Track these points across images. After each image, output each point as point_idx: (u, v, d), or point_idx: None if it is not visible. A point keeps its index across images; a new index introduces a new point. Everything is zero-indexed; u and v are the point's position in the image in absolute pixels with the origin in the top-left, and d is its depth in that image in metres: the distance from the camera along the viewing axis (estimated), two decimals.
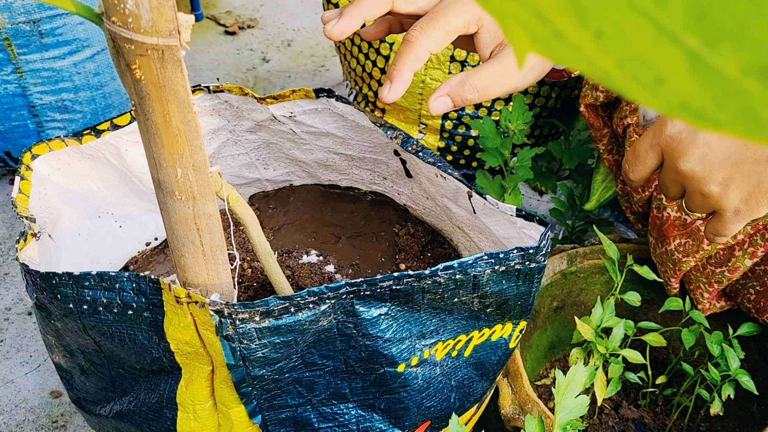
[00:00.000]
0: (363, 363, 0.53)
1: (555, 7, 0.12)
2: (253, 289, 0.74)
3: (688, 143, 0.54)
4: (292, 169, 0.82)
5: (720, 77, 0.11)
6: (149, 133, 0.40)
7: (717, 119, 0.11)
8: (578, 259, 0.82)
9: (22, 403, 0.89)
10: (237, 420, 0.53)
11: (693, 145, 0.54)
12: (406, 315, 0.52)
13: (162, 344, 0.50)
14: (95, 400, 0.59)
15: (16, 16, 0.95)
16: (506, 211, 0.59)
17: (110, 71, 1.09)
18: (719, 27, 0.10)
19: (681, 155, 0.55)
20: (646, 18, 0.11)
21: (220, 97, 0.71)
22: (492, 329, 0.58)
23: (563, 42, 0.13)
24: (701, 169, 0.54)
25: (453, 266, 0.50)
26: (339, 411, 0.56)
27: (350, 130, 0.73)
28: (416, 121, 1.10)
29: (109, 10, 0.34)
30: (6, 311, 1.01)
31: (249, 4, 1.85)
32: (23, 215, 0.56)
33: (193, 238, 0.46)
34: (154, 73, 0.37)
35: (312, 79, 1.57)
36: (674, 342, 0.84)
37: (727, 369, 0.67)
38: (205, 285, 0.48)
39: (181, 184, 0.42)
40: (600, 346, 0.67)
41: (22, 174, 0.60)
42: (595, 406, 0.79)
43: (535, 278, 0.55)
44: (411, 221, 0.81)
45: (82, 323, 0.50)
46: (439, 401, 0.58)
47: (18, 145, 1.09)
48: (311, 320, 0.48)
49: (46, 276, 0.49)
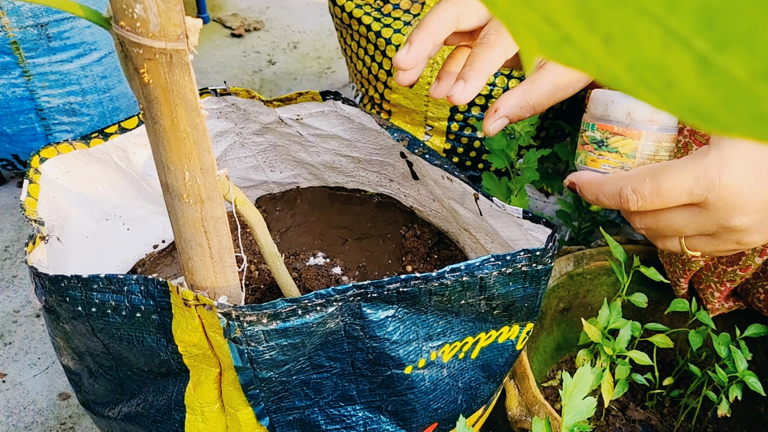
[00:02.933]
0: (370, 365, 0.53)
1: (564, 11, 0.12)
2: (260, 291, 0.74)
3: (750, 197, 0.47)
4: (298, 172, 0.82)
5: (730, 81, 0.11)
6: (157, 136, 0.40)
7: (727, 123, 0.11)
8: (585, 261, 0.82)
9: (30, 405, 0.90)
10: (245, 422, 0.53)
11: (755, 198, 0.47)
12: (413, 317, 0.52)
13: (170, 347, 0.50)
14: (103, 403, 0.59)
15: (24, 20, 0.96)
16: (513, 213, 0.59)
17: (117, 74, 1.10)
18: (729, 30, 0.10)
19: (737, 211, 0.47)
20: (656, 22, 0.11)
21: (227, 100, 0.71)
22: (499, 331, 0.58)
23: (572, 46, 0.13)
24: (755, 223, 0.48)
25: (460, 268, 0.50)
26: (346, 413, 0.56)
27: (357, 133, 0.73)
28: (422, 123, 1.10)
29: (118, 14, 0.35)
30: (14, 314, 1.02)
31: (255, 7, 1.85)
32: (32, 218, 0.56)
33: (201, 240, 0.46)
34: (162, 76, 0.37)
35: (318, 81, 1.57)
36: (681, 343, 0.84)
37: (734, 370, 0.67)
38: (212, 287, 0.49)
39: (188, 187, 0.43)
40: (607, 347, 0.66)
41: (31, 177, 0.60)
42: (602, 408, 0.79)
43: (542, 280, 0.55)
44: (417, 223, 0.81)
45: (90, 326, 0.50)
46: (446, 403, 0.58)
47: (26, 148, 1.10)
48: (318, 322, 0.48)
49: (54, 279, 0.49)
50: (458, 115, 1.07)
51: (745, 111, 0.11)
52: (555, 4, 0.12)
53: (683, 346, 0.84)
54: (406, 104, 1.08)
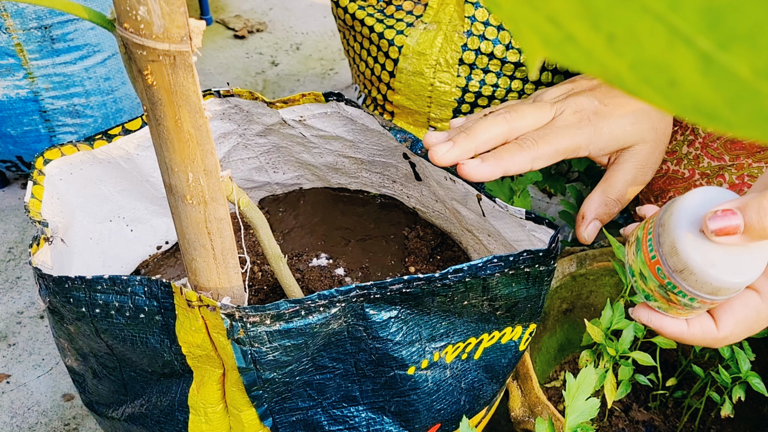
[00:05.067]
0: (373, 366, 0.53)
1: (567, 11, 0.12)
2: (263, 292, 0.74)
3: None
4: (301, 173, 0.82)
5: (733, 79, 0.11)
6: (161, 138, 0.40)
7: (730, 121, 0.11)
8: (587, 262, 0.82)
9: (34, 406, 0.90)
10: (248, 423, 0.53)
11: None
12: (416, 318, 0.52)
13: (173, 347, 0.50)
14: (107, 403, 0.59)
15: (28, 22, 0.96)
16: (516, 214, 0.59)
17: (121, 76, 1.10)
18: (732, 29, 0.10)
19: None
20: (659, 21, 0.11)
21: (231, 102, 0.71)
22: (502, 332, 0.58)
23: (575, 46, 0.13)
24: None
25: (463, 269, 0.50)
26: (349, 414, 0.56)
27: (359, 134, 0.73)
28: (425, 124, 1.10)
29: (122, 16, 0.35)
30: (18, 315, 1.02)
31: (258, 8, 1.86)
32: (36, 220, 0.56)
33: (205, 242, 0.46)
34: (166, 78, 0.37)
35: (321, 83, 1.58)
36: (684, 344, 0.84)
37: (737, 371, 0.67)
38: (216, 288, 0.49)
39: (192, 188, 0.43)
40: (610, 348, 0.66)
41: (35, 179, 0.60)
42: (605, 409, 0.79)
43: (545, 281, 0.55)
44: (420, 224, 0.81)
45: (94, 327, 0.51)
46: (449, 404, 0.58)
47: (29, 149, 1.10)
48: (322, 323, 0.48)
49: (58, 280, 0.49)
50: (461, 116, 1.07)
51: (748, 109, 0.11)
52: (559, 4, 0.12)
53: (686, 347, 0.84)
54: (409, 105, 1.08)
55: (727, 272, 0.44)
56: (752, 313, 0.48)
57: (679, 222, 0.44)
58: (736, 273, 0.44)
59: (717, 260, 0.44)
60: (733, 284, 0.44)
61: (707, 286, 0.45)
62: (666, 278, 0.47)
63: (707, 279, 0.44)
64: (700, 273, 0.44)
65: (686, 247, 0.44)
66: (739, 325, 0.48)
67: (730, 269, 0.44)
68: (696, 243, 0.44)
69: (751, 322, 0.48)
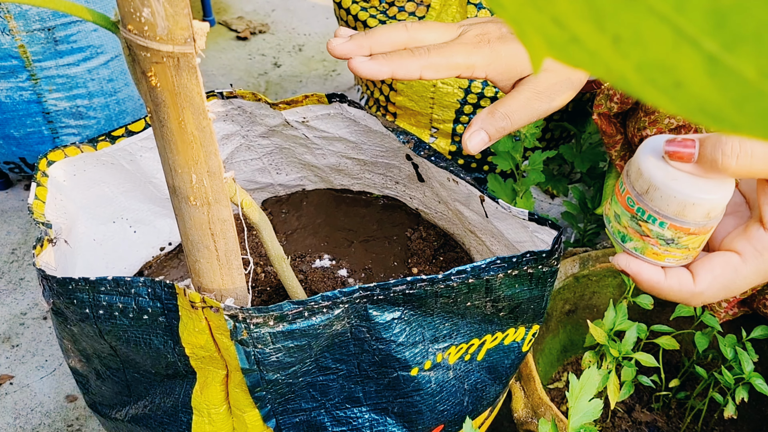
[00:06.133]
0: (376, 367, 0.53)
1: (572, 12, 0.12)
2: (266, 293, 0.74)
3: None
4: (304, 174, 0.82)
5: (739, 80, 0.11)
6: (164, 139, 0.40)
7: (736, 122, 0.11)
8: (590, 263, 0.82)
9: (37, 407, 0.90)
10: (251, 424, 0.53)
11: None
12: (419, 319, 0.52)
13: (177, 348, 0.50)
14: (111, 404, 0.60)
15: (32, 24, 0.96)
16: (518, 215, 0.59)
17: (124, 77, 1.10)
18: (738, 30, 0.10)
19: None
20: (665, 22, 0.11)
21: (234, 103, 0.71)
22: (505, 333, 0.58)
23: (580, 47, 0.13)
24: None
25: (466, 270, 0.50)
26: (352, 415, 0.56)
27: (362, 135, 0.73)
28: (428, 125, 1.10)
29: (126, 18, 0.35)
30: (22, 316, 1.02)
31: (260, 10, 1.86)
32: (39, 221, 0.57)
33: (208, 243, 0.46)
34: (170, 80, 0.37)
35: (323, 84, 1.58)
36: (687, 345, 0.83)
37: (740, 372, 0.67)
38: (219, 290, 0.49)
39: (196, 189, 0.43)
40: (613, 349, 0.66)
41: (38, 180, 0.60)
42: (608, 410, 0.79)
43: (548, 282, 0.55)
44: (423, 225, 0.81)
45: (98, 328, 0.51)
46: (452, 405, 0.58)
47: (33, 151, 1.10)
48: (325, 324, 0.48)
49: (62, 281, 0.49)
50: (463, 117, 1.07)
51: (754, 110, 0.11)
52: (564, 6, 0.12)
53: (689, 348, 0.84)
54: (412, 106, 1.08)
55: (690, 186, 0.45)
56: (730, 272, 0.47)
57: (644, 149, 0.47)
58: (699, 189, 0.45)
59: (679, 176, 0.46)
60: (698, 200, 0.45)
61: (673, 203, 0.46)
62: (635, 204, 0.48)
63: (670, 192, 0.46)
64: (663, 187, 0.46)
65: (649, 166, 0.46)
66: (716, 281, 0.48)
67: (693, 185, 0.45)
68: (659, 163, 0.46)
69: (728, 281, 0.48)
